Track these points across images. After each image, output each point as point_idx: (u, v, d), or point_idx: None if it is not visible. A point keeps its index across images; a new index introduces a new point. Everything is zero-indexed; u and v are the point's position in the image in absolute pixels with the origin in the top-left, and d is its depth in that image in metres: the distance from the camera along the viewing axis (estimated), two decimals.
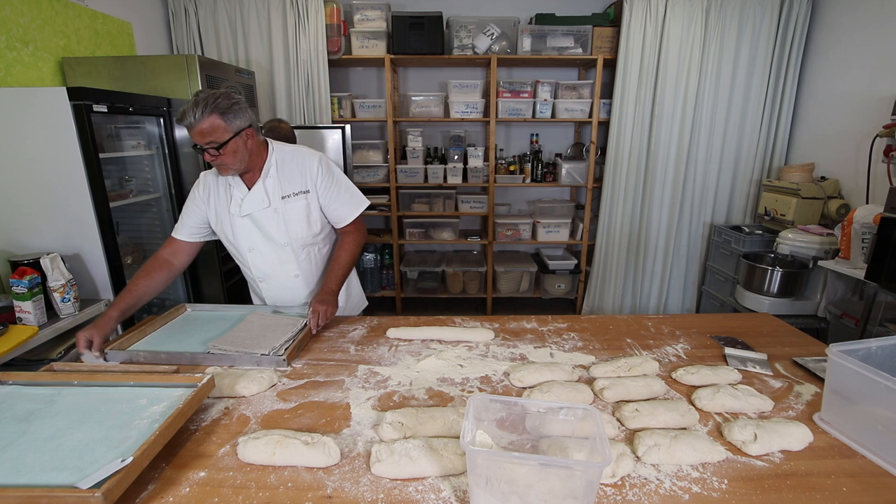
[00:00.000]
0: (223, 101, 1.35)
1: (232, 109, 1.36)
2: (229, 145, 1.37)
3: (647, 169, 3.47)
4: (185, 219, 1.59)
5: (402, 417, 1.02)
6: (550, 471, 0.77)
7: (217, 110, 1.33)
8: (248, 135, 1.42)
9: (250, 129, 1.43)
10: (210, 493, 0.86)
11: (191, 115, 1.32)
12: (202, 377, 1.09)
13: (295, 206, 1.53)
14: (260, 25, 3.24)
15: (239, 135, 1.39)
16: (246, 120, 1.40)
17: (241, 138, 1.40)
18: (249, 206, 1.51)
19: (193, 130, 1.34)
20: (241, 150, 1.42)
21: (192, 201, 1.58)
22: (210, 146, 1.36)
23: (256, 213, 1.52)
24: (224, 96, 1.36)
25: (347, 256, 1.60)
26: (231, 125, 1.36)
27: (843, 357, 1.00)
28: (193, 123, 1.33)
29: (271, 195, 1.52)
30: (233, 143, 1.38)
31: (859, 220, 2.27)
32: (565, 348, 1.43)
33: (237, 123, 1.38)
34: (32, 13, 2.21)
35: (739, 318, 1.68)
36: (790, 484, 0.89)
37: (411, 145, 3.57)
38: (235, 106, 1.37)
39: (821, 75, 3.15)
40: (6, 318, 1.74)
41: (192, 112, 1.32)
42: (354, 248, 1.62)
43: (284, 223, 1.54)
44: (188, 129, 1.35)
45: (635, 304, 3.77)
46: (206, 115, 1.32)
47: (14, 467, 0.86)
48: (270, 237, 1.56)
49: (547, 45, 3.34)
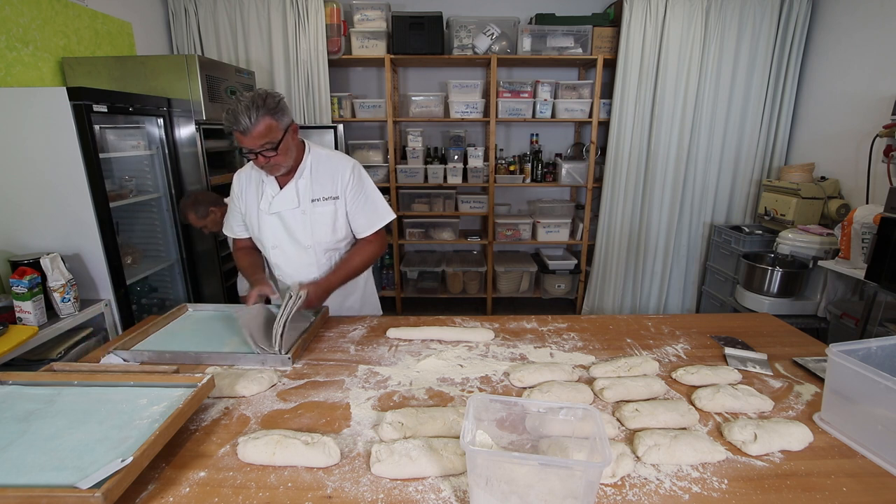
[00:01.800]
0: (271, 101, 1.33)
1: (279, 107, 1.35)
2: (283, 144, 1.37)
3: (647, 169, 3.47)
4: (230, 219, 1.66)
5: (402, 417, 1.02)
6: (550, 471, 0.77)
7: (268, 111, 1.32)
8: (294, 130, 1.44)
9: (294, 124, 1.43)
10: (210, 493, 0.86)
11: (245, 120, 1.28)
12: (202, 377, 1.09)
13: (323, 210, 1.53)
14: (260, 25, 3.24)
15: (288, 132, 1.39)
16: (290, 115, 1.41)
17: (290, 134, 1.41)
18: (279, 204, 1.52)
19: (250, 135, 1.31)
20: (292, 146, 1.43)
21: (230, 201, 1.64)
22: (266, 148, 1.34)
23: (284, 213, 1.53)
24: (269, 95, 1.34)
25: (359, 261, 1.58)
26: (281, 122, 1.36)
27: (843, 357, 1.00)
28: (250, 128, 1.29)
29: (301, 196, 1.51)
30: (286, 141, 1.38)
31: (859, 220, 2.27)
32: (565, 348, 1.43)
33: (286, 120, 1.38)
34: (32, 13, 2.21)
35: (739, 318, 1.69)
36: (790, 484, 0.89)
37: (411, 145, 3.57)
38: (281, 103, 1.37)
39: (821, 75, 3.15)
40: (6, 318, 1.74)
41: (245, 116, 1.28)
42: (368, 257, 1.60)
43: (311, 225, 1.53)
44: (241, 135, 1.31)
45: (635, 304, 3.77)
46: (261, 118, 1.30)
47: (14, 467, 0.86)
48: (295, 237, 1.56)
49: (547, 45, 3.34)
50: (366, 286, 1.82)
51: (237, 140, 1.35)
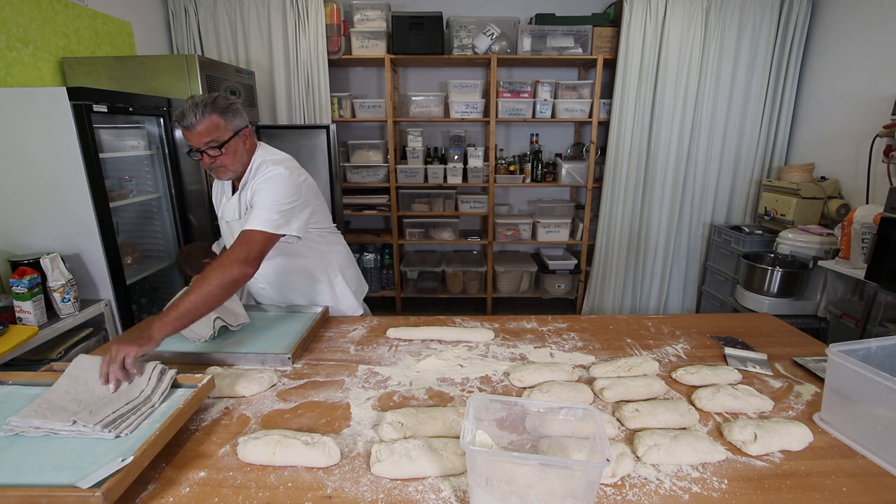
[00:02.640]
0: (221, 101, 1.35)
1: (231, 108, 1.37)
2: (229, 145, 1.37)
3: (647, 169, 3.47)
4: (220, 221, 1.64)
5: (402, 417, 1.02)
6: (550, 471, 0.77)
7: (216, 110, 1.34)
8: (245, 135, 1.42)
9: (248, 129, 1.43)
10: (210, 493, 0.86)
11: (191, 115, 1.31)
12: (202, 377, 1.09)
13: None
14: (260, 25, 3.24)
15: (238, 135, 1.39)
16: (244, 120, 1.41)
17: (240, 138, 1.41)
18: (227, 213, 1.52)
19: (194, 131, 1.32)
20: (241, 150, 1.42)
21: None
22: (210, 146, 1.35)
23: (231, 221, 1.51)
24: (221, 97, 1.36)
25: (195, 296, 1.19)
26: (231, 124, 1.37)
27: (843, 357, 1.00)
28: (194, 123, 1.31)
29: (242, 207, 1.46)
30: (233, 143, 1.38)
31: (859, 220, 2.27)
32: (565, 348, 1.43)
33: (236, 123, 1.38)
34: (32, 13, 2.21)
35: (739, 318, 1.69)
36: (790, 484, 0.89)
37: (411, 145, 3.57)
38: (233, 105, 1.38)
39: (821, 75, 3.15)
40: (6, 318, 1.74)
41: (192, 112, 1.31)
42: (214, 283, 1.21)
43: None
44: (187, 131, 1.33)
45: (635, 304, 3.77)
46: (207, 115, 1.32)
47: (14, 467, 0.86)
48: None
49: (547, 45, 3.34)
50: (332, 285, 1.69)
51: (185, 138, 1.35)
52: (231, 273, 1.24)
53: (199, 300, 1.20)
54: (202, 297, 1.20)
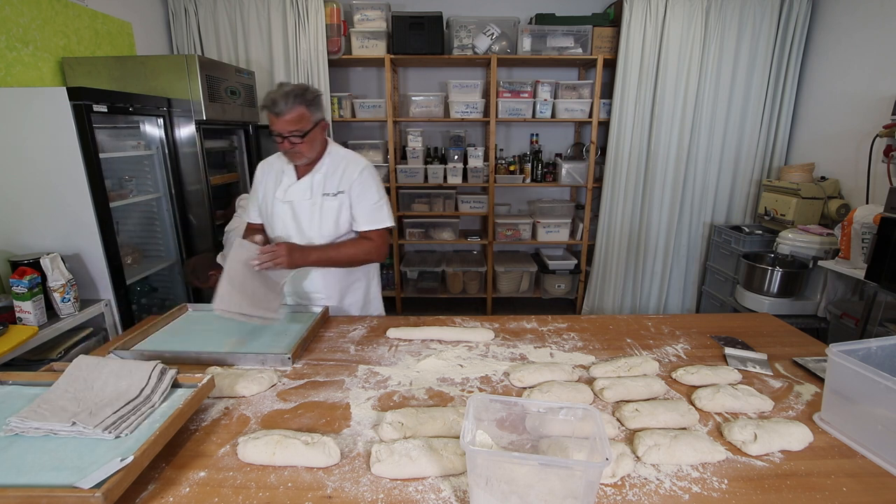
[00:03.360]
0: (310, 94, 1.47)
1: (315, 101, 1.49)
2: (310, 134, 1.49)
3: (647, 169, 3.47)
4: (249, 204, 1.75)
5: (402, 417, 1.02)
6: (550, 471, 0.77)
7: (304, 102, 1.45)
8: (323, 127, 1.56)
9: (324, 122, 1.57)
10: (210, 493, 0.86)
11: (282, 104, 1.41)
12: (202, 377, 1.09)
13: (330, 204, 1.60)
14: (260, 25, 3.24)
15: (317, 126, 1.52)
16: (323, 113, 1.55)
17: (319, 129, 1.54)
18: (293, 194, 1.61)
19: (282, 119, 1.43)
20: (318, 140, 1.55)
21: (253, 187, 1.74)
22: (294, 134, 1.46)
23: (296, 202, 1.61)
24: (310, 90, 1.48)
25: (347, 251, 1.59)
26: (314, 116, 1.49)
27: (843, 357, 1.00)
28: (283, 111, 1.42)
29: (314, 190, 1.60)
30: (312, 133, 1.50)
31: (859, 220, 2.27)
32: (565, 348, 1.43)
33: (317, 115, 1.51)
34: (32, 13, 2.21)
35: (739, 318, 1.69)
36: (790, 484, 0.89)
37: (411, 145, 3.57)
38: (318, 98, 1.51)
39: (821, 75, 3.15)
40: (6, 318, 1.74)
41: (283, 101, 1.41)
42: (358, 250, 1.61)
43: (319, 216, 1.61)
44: (275, 117, 1.43)
45: (635, 304, 3.77)
46: (296, 105, 1.42)
47: (14, 467, 0.86)
48: (301, 226, 1.63)
49: (547, 45, 3.34)
50: (369, 286, 1.82)
51: (270, 122, 1.46)
52: (370, 256, 1.62)
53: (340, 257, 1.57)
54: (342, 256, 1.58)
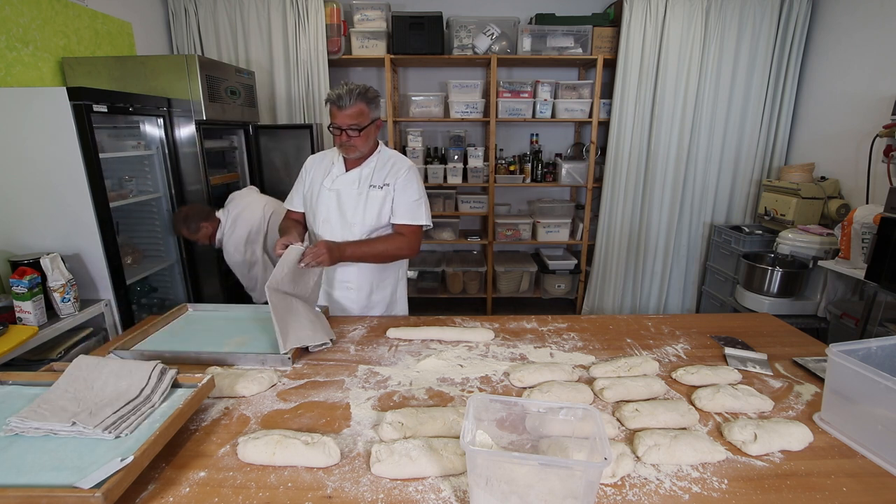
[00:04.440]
0: (371, 93, 1.58)
1: (375, 101, 1.60)
2: (366, 130, 1.60)
3: (647, 169, 3.47)
4: (293, 193, 1.83)
5: (402, 417, 1.02)
6: (550, 471, 0.77)
7: (365, 99, 1.55)
8: (377, 125, 1.66)
9: (379, 121, 1.67)
10: (210, 493, 0.86)
11: (346, 99, 1.52)
12: (202, 377, 1.09)
13: (376, 194, 1.69)
14: (260, 25, 3.24)
15: (373, 123, 1.62)
16: (379, 112, 1.65)
17: (374, 127, 1.64)
18: (340, 183, 1.70)
19: (343, 112, 1.54)
20: (372, 136, 1.66)
21: (300, 176, 1.82)
22: (353, 128, 1.56)
23: (343, 190, 1.70)
24: (371, 89, 1.58)
25: (382, 246, 1.67)
26: (372, 114, 1.60)
27: (843, 357, 1.00)
28: (346, 106, 1.53)
29: (362, 182, 1.69)
30: (368, 130, 1.61)
31: (859, 220, 2.27)
32: (565, 348, 1.43)
33: (375, 113, 1.62)
34: (32, 13, 2.21)
35: (739, 318, 1.69)
36: (790, 484, 0.89)
37: (411, 145, 3.57)
38: (377, 98, 1.62)
39: (821, 75, 3.15)
40: (6, 318, 1.74)
41: (347, 96, 1.53)
42: (393, 246, 1.68)
43: (364, 207, 1.69)
44: (338, 110, 1.54)
45: (635, 304, 3.77)
46: (358, 102, 1.54)
47: (14, 467, 0.86)
48: (344, 214, 1.70)
49: (547, 45, 3.34)
50: (397, 285, 1.87)
51: (331, 115, 1.57)
52: (402, 251, 1.69)
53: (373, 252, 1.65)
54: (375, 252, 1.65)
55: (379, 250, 1.66)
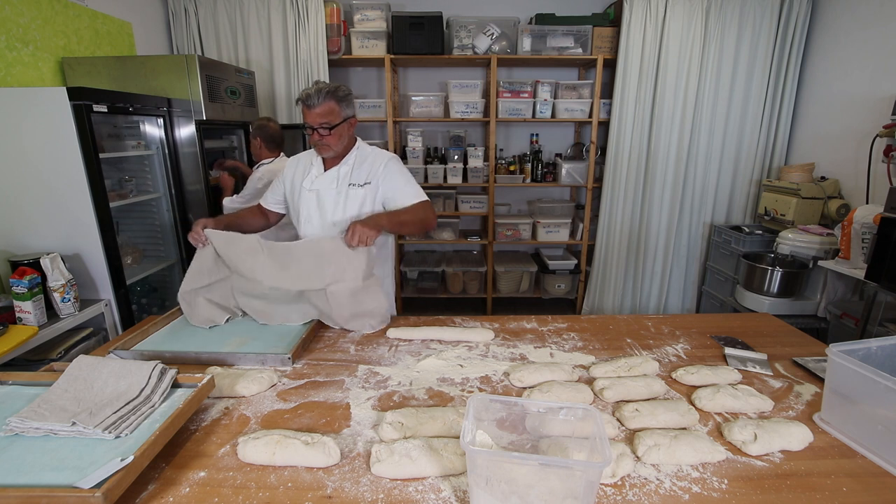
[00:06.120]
0: (341, 91, 1.57)
1: (346, 99, 1.59)
2: (338, 128, 1.59)
3: (647, 169, 3.47)
4: (268, 192, 1.85)
5: (402, 417, 1.02)
6: (550, 471, 0.77)
7: (335, 97, 1.55)
8: (351, 124, 1.65)
9: (354, 118, 1.66)
10: (210, 493, 0.86)
11: (315, 98, 1.52)
12: (202, 377, 1.09)
13: (355, 192, 1.68)
14: (260, 25, 3.24)
15: (346, 121, 1.61)
16: (353, 111, 1.64)
17: (347, 125, 1.63)
18: (319, 184, 1.70)
19: (313, 111, 1.54)
20: (345, 135, 1.64)
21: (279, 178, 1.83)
22: (323, 127, 1.56)
23: (322, 191, 1.70)
24: (341, 87, 1.58)
25: (408, 215, 1.64)
26: (343, 112, 1.59)
27: (843, 357, 1.00)
28: (315, 105, 1.53)
29: (340, 180, 1.69)
30: (340, 128, 1.60)
31: (859, 220, 2.27)
32: (565, 348, 1.43)
33: (347, 111, 1.61)
34: (32, 13, 2.21)
35: (739, 318, 1.68)
36: (790, 484, 0.89)
37: (411, 145, 3.57)
38: (349, 97, 1.60)
39: (821, 75, 3.15)
40: (6, 318, 1.74)
41: (316, 95, 1.53)
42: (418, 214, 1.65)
43: (343, 204, 1.68)
44: (307, 109, 1.54)
45: (635, 304, 3.77)
46: (327, 100, 1.53)
47: (14, 467, 0.86)
48: (325, 214, 1.70)
49: (547, 45, 3.34)
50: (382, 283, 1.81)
51: (303, 115, 1.57)
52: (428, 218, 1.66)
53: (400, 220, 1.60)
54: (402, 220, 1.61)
55: (406, 217, 1.63)
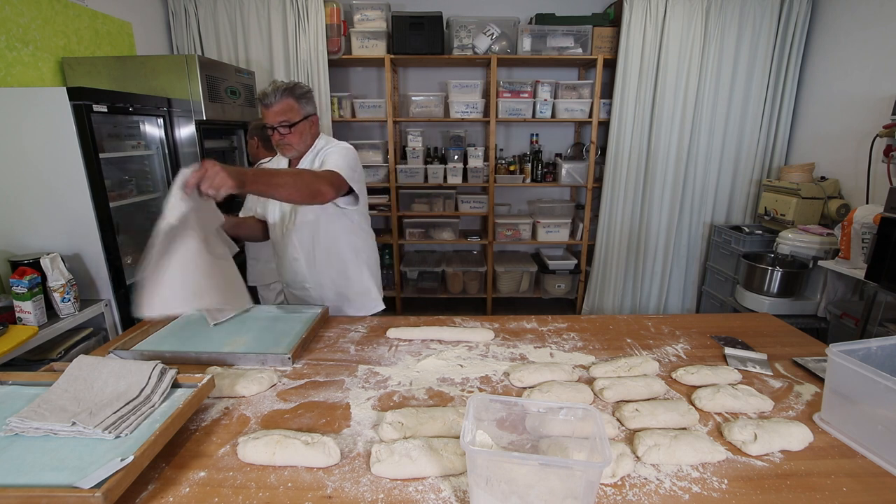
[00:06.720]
0: (298, 89, 1.55)
1: (305, 96, 1.57)
2: (298, 126, 1.56)
3: (647, 169, 3.47)
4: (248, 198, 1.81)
5: (402, 417, 1.02)
6: (550, 471, 0.77)
7: (293, 95, 1.53)
8: (312, 121, 1.62)
9: (315, 116, 1.62)
10: (210, 493, 0.86)
11: (272, 96, 1.50)
12: (202, 377, 1.09)
13: None
14: (260, 25, 3.24)
15: (307, 119, 1.58)
16: (313, 108, 1.61)
17: (308, 122, 1.60)
18: None
19: (271, 110, 1.51)
20: (306, 133, 1.61)
21: None
22: (282, 125, 1.53)
23: None
24: (300, 85, 1.56)
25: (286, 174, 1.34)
26: (303, 109, 1.56)
27: (843, 357, 1.00)
28: (273, 103, 1.50)
29: None
30: (301, 125, 1.57)
31: (859, 220, 2.27)
32: (565, 348, 1.43)
33: (307, 109, 1.58)
34: (32, 13, 2.21)
35: (739, 318, 1.68)
36: (790, 484, 0.89)
37: (411, 145, 3.57)
38: (308, 94, 1.58)
39: (821, 75, 3.15)
40: (6, 318, 1.74)
41: (273, 94, 1.50)
42: (298, 178, 1.34)
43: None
44: (265, 108, 1.52)
45: (635, 304, 3.77)
46: (284, 98, 1.51)
47: (14, 467, 0.86)
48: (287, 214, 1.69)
49: (547, 45, 3.34)
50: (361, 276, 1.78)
51: (262, 115, 1.55)
52: (316, 181, 1.35)
53: (282, 181, 1.27)
54: (285, 179, 1.28)
55: (282, 181, 1.28)
